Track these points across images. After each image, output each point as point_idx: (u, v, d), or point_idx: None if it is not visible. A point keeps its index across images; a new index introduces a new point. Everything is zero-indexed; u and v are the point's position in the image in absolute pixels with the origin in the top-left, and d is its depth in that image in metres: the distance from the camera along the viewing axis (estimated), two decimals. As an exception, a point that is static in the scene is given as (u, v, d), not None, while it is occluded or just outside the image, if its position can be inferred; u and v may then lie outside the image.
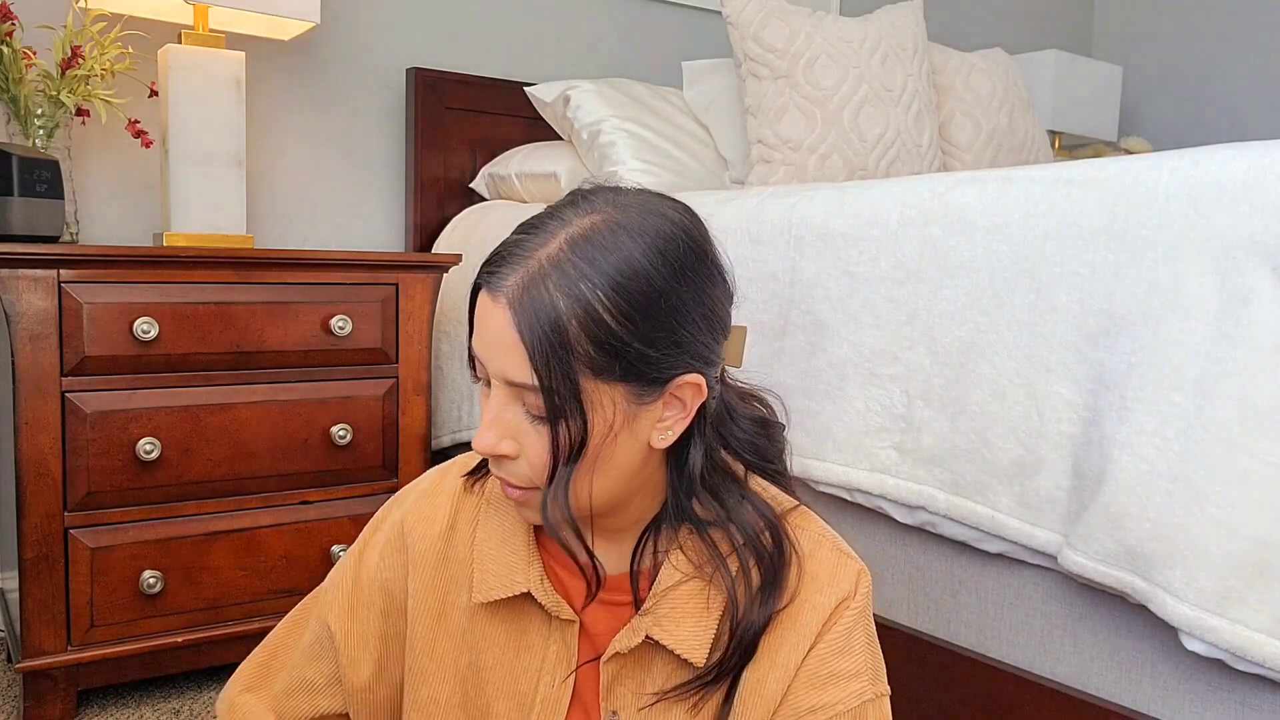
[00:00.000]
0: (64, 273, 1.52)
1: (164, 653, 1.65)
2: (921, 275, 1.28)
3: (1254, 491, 0.94)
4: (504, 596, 0.87)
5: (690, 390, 0.81)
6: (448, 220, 2.37)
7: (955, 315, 1.23)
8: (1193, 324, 1.00)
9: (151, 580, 1.61)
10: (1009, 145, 2.47)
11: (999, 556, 1.23)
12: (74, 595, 1.56)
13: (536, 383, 0.75)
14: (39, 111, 1.74)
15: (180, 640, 1.65)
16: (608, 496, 0.82)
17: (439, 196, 2.38)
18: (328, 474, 1.78)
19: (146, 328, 1.57)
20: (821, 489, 1.39)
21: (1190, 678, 1.04)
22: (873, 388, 1.33)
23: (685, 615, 0.86)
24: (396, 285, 1.83)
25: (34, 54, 1.75)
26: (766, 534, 0.86)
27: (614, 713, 0.88)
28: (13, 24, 1.71)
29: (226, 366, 1.68)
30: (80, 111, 1.83)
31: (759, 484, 0.91)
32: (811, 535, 0.89)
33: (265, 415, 1.71)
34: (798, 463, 1.40)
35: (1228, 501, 0.95)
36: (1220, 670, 1.01)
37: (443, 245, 2.31)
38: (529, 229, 0.78)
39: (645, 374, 0.78)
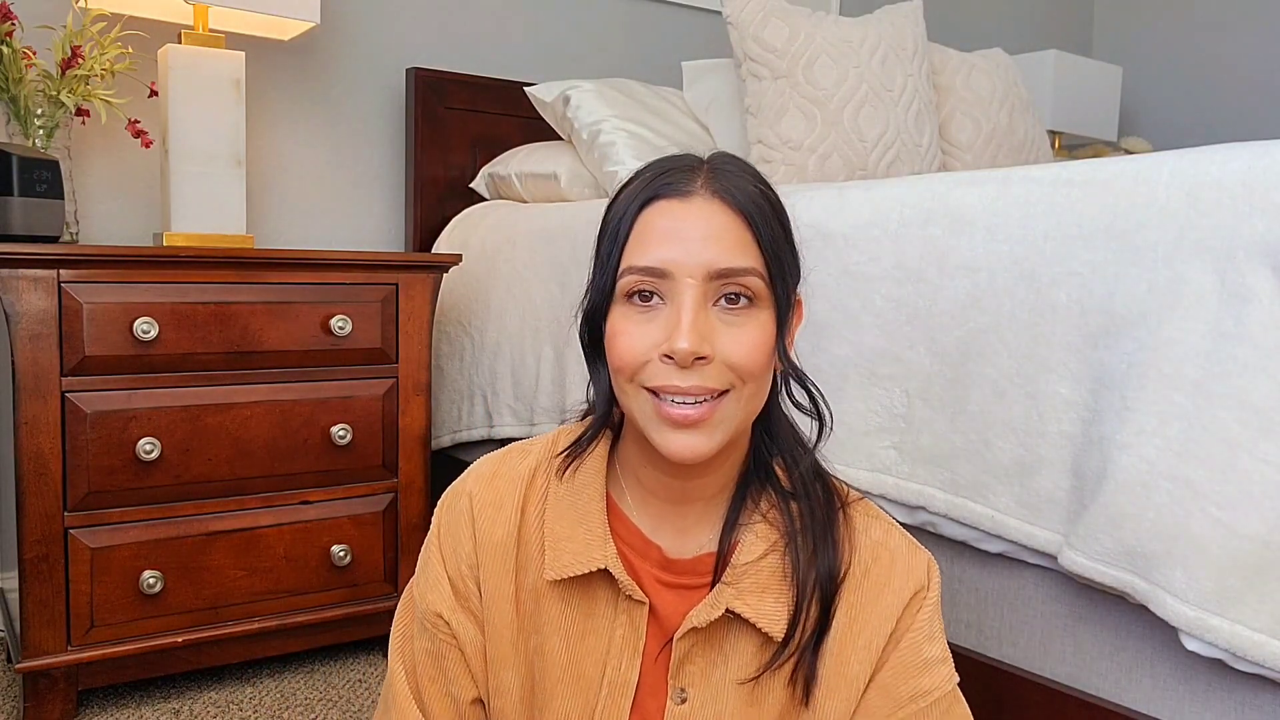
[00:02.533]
0: (64, 273, 1.52)
1: (164, 653, 1.65)
2: (921, 275, 1.28)
3: (1254, 491, 0.94)
4: (579, 573, 0.87)
5: (799, 309, 0.89)
6: (448, 220, 2.37)
7: (955, 315, 1.23)
8: (1193, 324, 1.00)
9: (151, 580, 1.61)
10: (1009, 145, 2.47)
11: (999, 556, 1.23)
12: (74, 595, 1.56)
13: (761, 261, 0.81)
14: (39, 111, 1.74)
15: (180, 640, 1.65)
16: (747, 418, 0.84)
17: (439, 196, 2.38)
18: (328, 474, 1.78)
19: (146, 328, 1.57)
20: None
21: (1190, 678, 1.04)
22: (873, 387, 1.33)
23: (767, 589, 0.87)
24: (396, 285, 1.83)
25: (34, 54, 1.75)
26: (823, 507, 0.90)
27: (682, 690, 0.88)
28: (13, 24, 1.71)
29: (226, 366, 1.68)
30: (80, 111, 1.83)
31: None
32: (882, 524, 0.93)
33: (265, 415, 1.71)
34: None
35: (1228, 501, 0.95)
36: (1220, 670, 1.01)
37: (443, 245, 2.31)
38: (674, 158, 0.86)
39: (795, 273, 0.86)
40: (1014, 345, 1.17)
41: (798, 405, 0.92)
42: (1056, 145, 3.29)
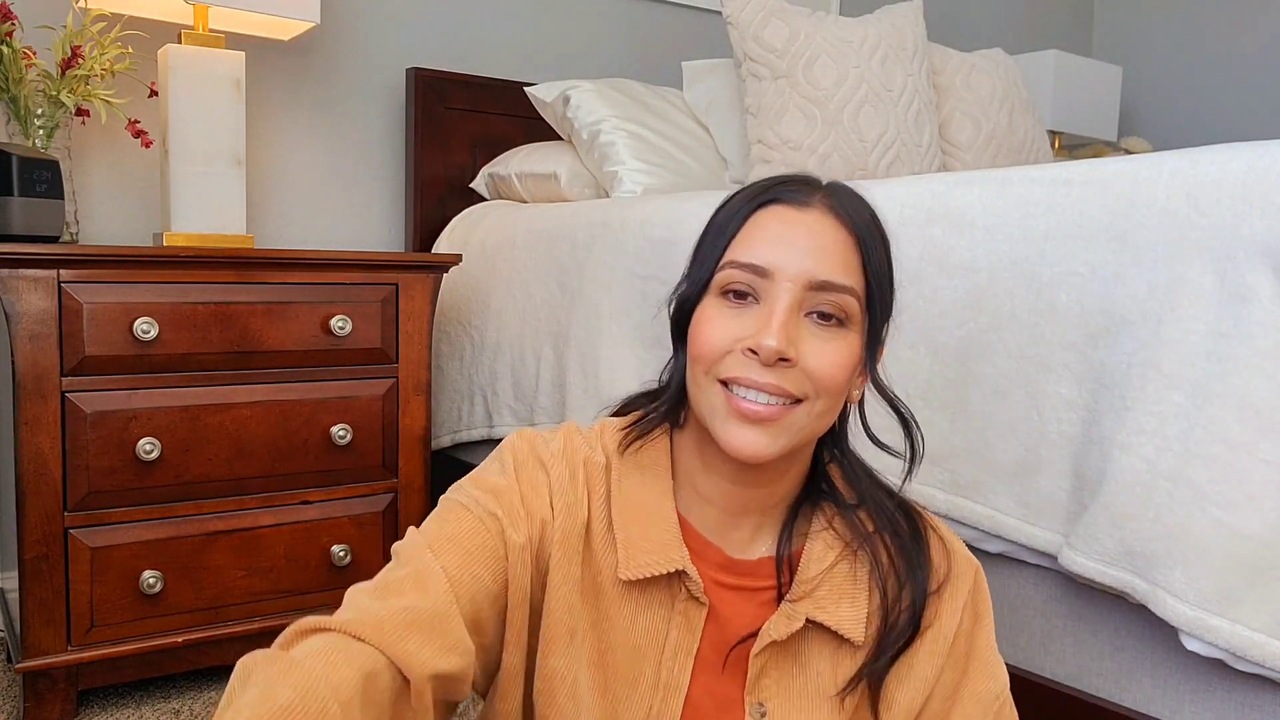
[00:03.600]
0: (64, 273, 1.52)
1: (164, 653, 1.65)
2: (921, 275, 1.28)
3: (1254, 491, 0.94)
4: (655, 574, 0.84)
5: (882, 350, 0.88)
6: (448, 220, 2.37)
7: (955, 315, 1.23)
8: (1193, 324, 1.00)
9: (151, 580, 1.61)
10: (1009, 145, 2.47)
11: (999, 556, 1.23)
12: (74, 595, 1.56)
13: (862, 284, 0.82)
14: (39, 111, 1.74)
15: (180, 640, 1.65)
16: (813, 434, 0.84)
17: (439, 196, 2.38)
18: (328, 474, 1.78)
19: (146, 328, 1.57)
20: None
21: (1190, 677, 1.04)
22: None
23: (843, 595, 0.87)
24: (396, 285, 1.83)
25: (34, 54, 1.75)
26: (900, 515, 0.90)
27: (760, 704, 0.86)
28: (12, 24, 1.71)
29: (226, 366, 1.68)
30: (80, 111, 1.83)
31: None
32: (943, 526, 0.94)
33: (265, 415, 1.71)
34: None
35: (1228, 501, 0.95)
36: (1220, 670, 1.01)
37: (443, 245, 2.31)
38: (793, 174, 0.87)
39: (889, 308, 0.86)
40: (1014, 345, 1.17)
41: (878, 443, 0.92)
42: (1056, 145, 3.29)
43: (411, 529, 0.84)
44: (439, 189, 2.38)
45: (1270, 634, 0.93)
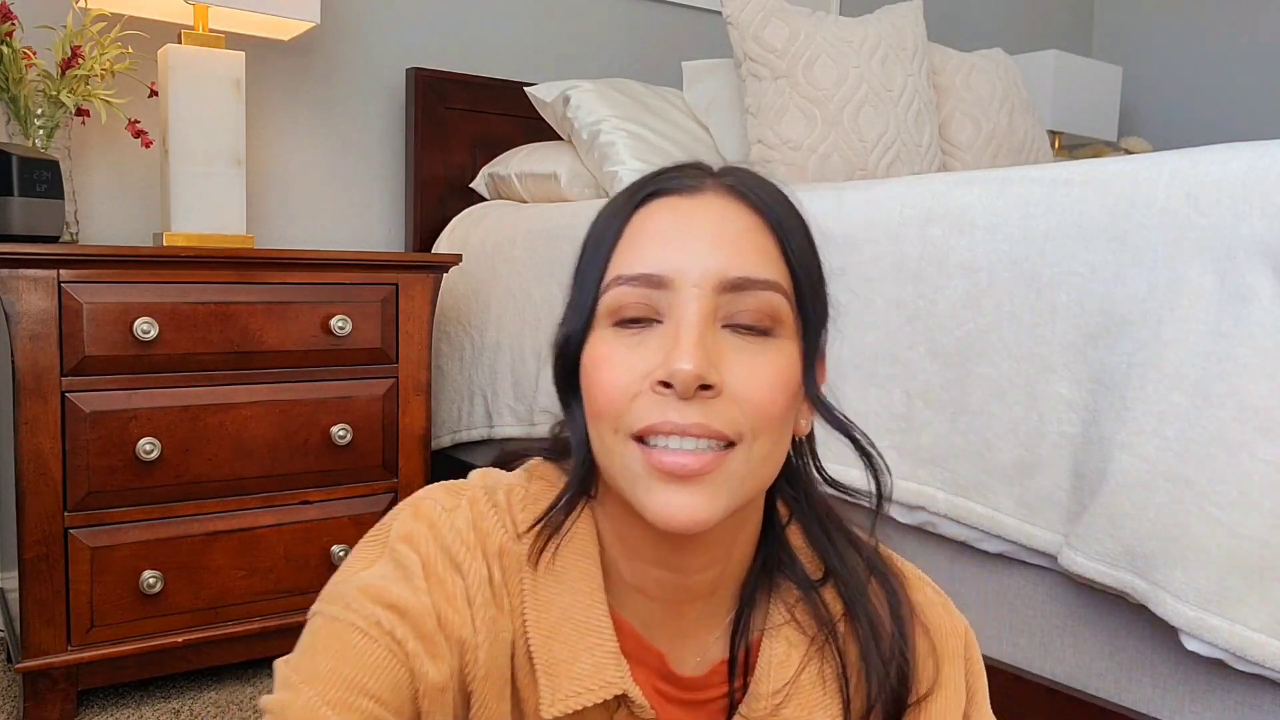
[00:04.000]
0: (64, 273, 1.52)
1: (164, 652, 1.65)
2: (921, 275, 1.28)
3: (1254, 491, 0.94)
4: (592, 704, 0.66)
5: (822, 360, 0.70)
6: (448, 220, 2.37)
7: (955, 315, 1.23)
8: (1192, 324, 1.00)
9: (151, 580, 1.61)
10: (1009, 145, 2.47)
11: (999, 556, 1.23)
12: (74, 595, 1.56)
13: (787, 277, 0.65)
14: (39, 111, 1.74)
15: (180, 640, 1.64)
16: (760, 484, 0.65)
17: (439, 196, 2.38)
18: (328, 474, 1.78)
19: (146, 328, 1.57)
20: (821, 489, 1.39)
21: (1190, 677, 1.04)
22: (872, 388, 1.33)
23: (815, 707, 0.70)
24: (396, 285, 1.83)
25: (34, 54, 1.75)
26: (879, 587, 0.72)
27: None
28: (12, 24, 1.71)
29: (226, 366, 1.68)
30: (80, 111, 1.83)
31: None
32: (926, 590, 0.76)
33: (265, 415, 1.71)
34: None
35: (1227, 501, 0.95)
36: (1220, 670, 1.01)
37: (443, 245, 2.31)
38: (675, 165, 0.71)
39: (824, 307, 0.69)
40: (1014, 345, 1.17)
41: (837, 487, 0.76)
42: (1056, 145, 3.29)
43: (286, 665, 0.64)
44: (439, 189, 2.38)
45: (1270, 634, 0.93)
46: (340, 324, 1.75)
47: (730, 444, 0.62)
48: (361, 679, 0.61)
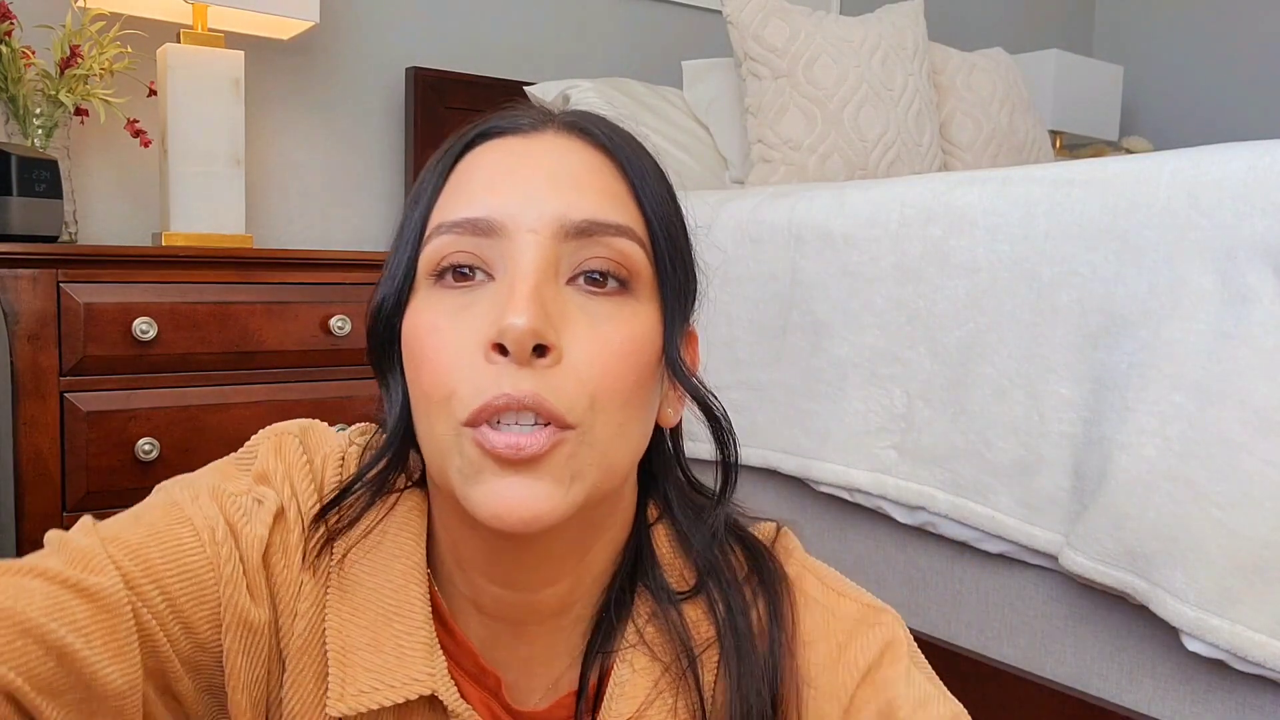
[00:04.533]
0: (62, 272, 1.52)
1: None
2: (922, 275, 1.28)
3: (1255, 492, 0.93)
4: (389, 703, 0.55)
5: (693, 345, 0.62)
6: (447, 220, 2.36)
7: (956, 315, 1.23)
8: (1194, 324, 1.00)
9: (150, 580, 1.60)
10: (1010, 145, 2.47)
11: (1000, 557, 1.22)
12: (73, 595, 1.56)
13: (640, 222, 0.56)
14: (37, 111, 1.74)
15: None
16: (609, 474, 0.54)
17: (439, 196, 2.37)
18: (327, 474, 1.77)
19: (145, 327, 1.57)
20: (822, 489, 1.39)
21: (1191, 678, 1.04)
22: (873, 388, 1.32)
23: None
24: (396, 285, 1.83)
25: (33, 53, 1.74)
26: (761, 596, 0.61)
27: None
28: (11, 23, 1.70)
29: (226, 366, 1.67)
30: (79, 111, 1.83)
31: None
32: (828, 589, 0.63)
33: (264, 415, 1.70)
34: (798, 463, 1.40)
35: (1229, 502, 0.94)
36: (1221, 671, 1.01)
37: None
38: (511, 107, 0.60)
39: (689, 271, 0.60)
40: (1015, 345, 1.16)
41: (698, 489, 0.65)
42: (1058, 145, 3.29)
43: (95, 519, 0.55)
44: (439, 189, 2.37)
45: (1271, 634, 0.92)
46: (340, 324, 1.74)
47: (568, 426, 0.50)
48: (164, 571, 0.52)
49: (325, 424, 0.66)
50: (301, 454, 0.60)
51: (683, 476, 0.65)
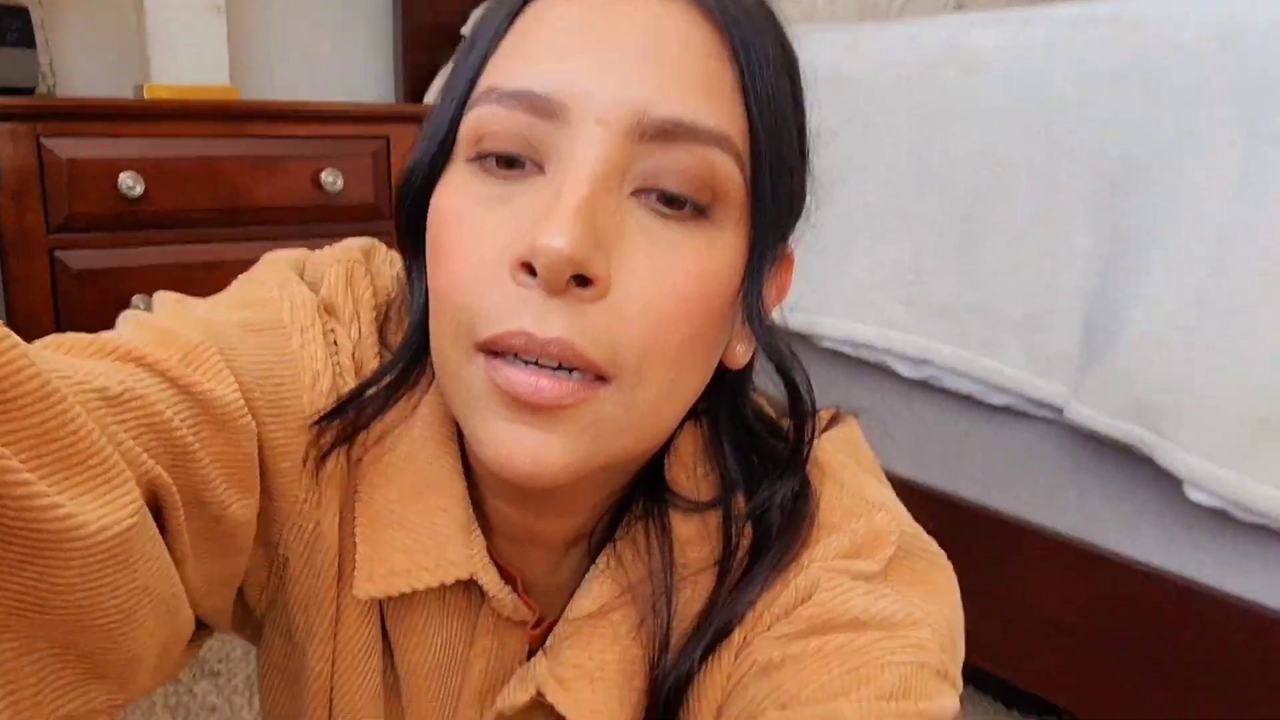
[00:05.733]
0: (42, 126, 1.47)
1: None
2: (934, 122, 1.23)
3: (1269, 346, 0.92)
4: (423, 586, 0.50)
5: (786, 270, 0.52)
6: (438, 69, 2.29)
7: (968, 164, 1.20)
8: (1217, 172, 0.97)
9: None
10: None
11: (1005, 409, 1.22)
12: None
13: (743, 127, 0.44)
14: (3, -47, 1.65)
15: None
16: (642, 438, 0.46)
17: (428, 44, 2.29)
18: (325, 332, 1.76)
19: (131, 183, 1.53)
20: (825, 344, 1.38)
21: (1191, 527, 1.05)
22: (882, 240, 1.30)
23: (595, 669, 0.50)
24: (388, 138, 1.77)
25: (-7, -110, 1.64)
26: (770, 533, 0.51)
27: None
28: None
29: (216, 223, 1.64)
30: (47, -47, 1.74)
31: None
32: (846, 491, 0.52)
33: (259, 273, 1.68)
34: (803, 319, 1.39)
35: (1242, 354, 0.93)
36: (1222, 522, 1.02)
37: (434, 96, 2.23)
38: None
39: (799, 187, 0.50)
40: (1029, 195, 1.13)
41: (765, 455, 0.53)
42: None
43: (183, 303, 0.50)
44: (428, 36, 2.28)
45: (1277, 485, 0.93)
46: (330, 179, 1.70)
47: (602, 378, 0.42)
48: (262, 402, 0.46)
49: (384, 247, 0.58)
50: (371, 297, 0.52)
51: (747, 414, 0.53)
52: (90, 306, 1.54)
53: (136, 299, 1.56)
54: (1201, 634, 1.04)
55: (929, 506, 1.36)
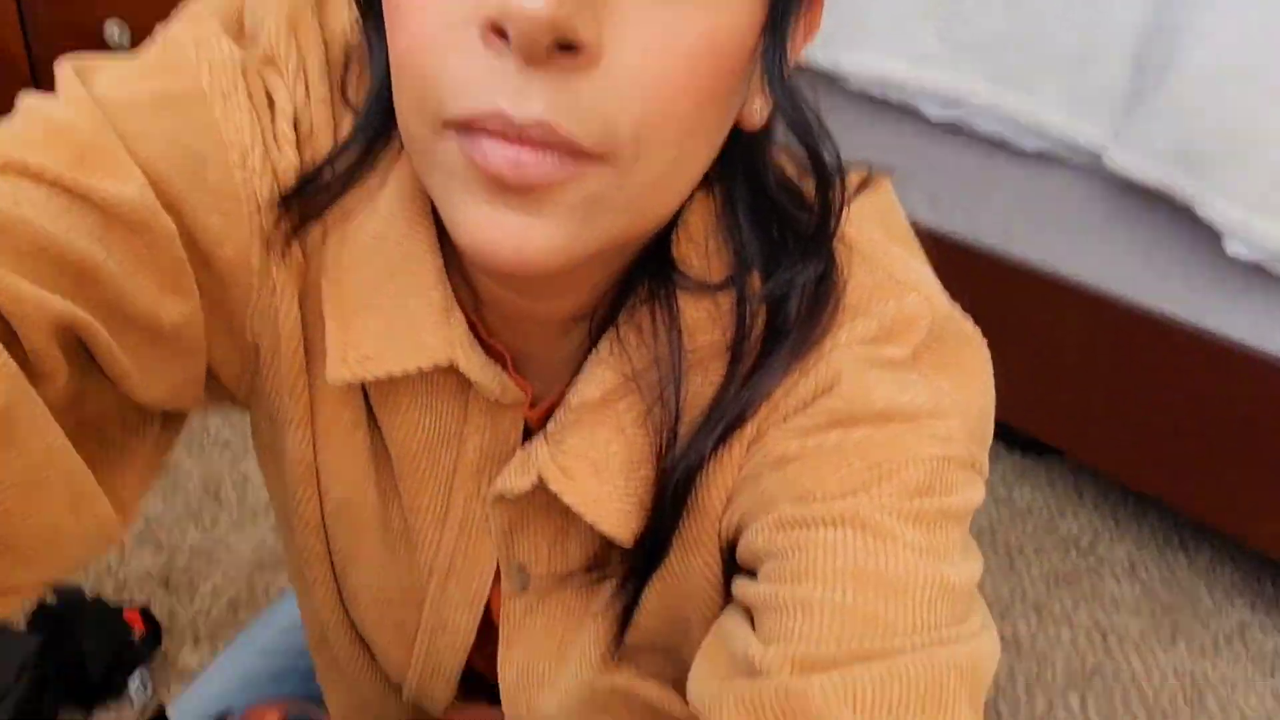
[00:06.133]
0: None
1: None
2: None
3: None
4: (405, 371, 0.45)
5: (815, 11, 0.41)
6: None
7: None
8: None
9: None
10: None
11: (1036, 157, 1.17)
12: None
13: None
14: None
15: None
16: (639, 219, 0.39)
17: None
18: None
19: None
20: (851, 86, 1.30)
21: (1225, 280, 1.04)
22: (917, -32, 1.20)
23: (599, 458, 0.47)
24: None
25: None
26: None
27: (521, 567, 0.52)
28: None
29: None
30: None
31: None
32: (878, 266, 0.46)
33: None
34: (826, 54, 1.31)
35: (1302, 100, 0.89)
36: (1257, 275, 1.00)
37: None
38: None
39: None
40: (1087, -85, 1.04)
41: (786, 188, 0.46)
42: None
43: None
44: None
45: (1324, 239, 0.91)
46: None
47: (594, 157, 0.35)
48: (183, 185, 0.40)
49: None
50: (319, 45, 0.44)
51: (770, 205, 0.46)
52: (61, 32, 1.44)
53: (110, 23, 1.46)
54: (1232, 390, 1.04)
55: (948, 255, 1.33)
